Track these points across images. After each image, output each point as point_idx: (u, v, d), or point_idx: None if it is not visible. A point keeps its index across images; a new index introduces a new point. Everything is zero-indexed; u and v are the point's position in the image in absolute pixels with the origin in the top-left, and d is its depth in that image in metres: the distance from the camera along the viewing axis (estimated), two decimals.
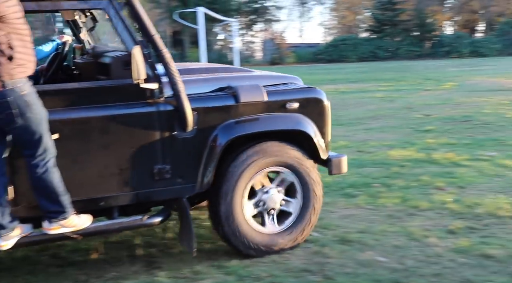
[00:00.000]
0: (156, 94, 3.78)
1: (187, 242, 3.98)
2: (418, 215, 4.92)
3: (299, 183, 4.21)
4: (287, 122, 4.14)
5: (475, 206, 5.07)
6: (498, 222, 4.67)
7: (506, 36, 36.73)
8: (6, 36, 3.23)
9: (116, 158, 3.71)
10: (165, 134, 3.82)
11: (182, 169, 3.90)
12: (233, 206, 4.03)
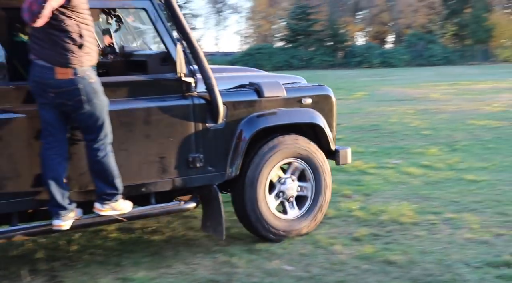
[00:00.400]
0: (191, 88, 4.12)
1: (215, 228, 4.32)
2: (325, 223, 5.00)
3: (312, 173, 4.65)
4: (303, 116, 4.61)
5: (380, 213, 5.21)
6: (401, 228, 4.82)
7: (413, 48, 38.19)
8: (78, 25, 3.46)
9: (156, 146, 4.02)
10: (199, 125, 4.17)
11: (213, 158, 4.26)
12: (257, 194, 4.41)
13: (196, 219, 5.17)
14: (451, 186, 6.17)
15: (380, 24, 45.49)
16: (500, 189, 5.93)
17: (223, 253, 4.36)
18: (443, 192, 5.93)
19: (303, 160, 4.60)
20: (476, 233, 4.63)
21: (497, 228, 4.74)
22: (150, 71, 4.08)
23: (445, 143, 8.62)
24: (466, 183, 6.23)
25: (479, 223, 4.87)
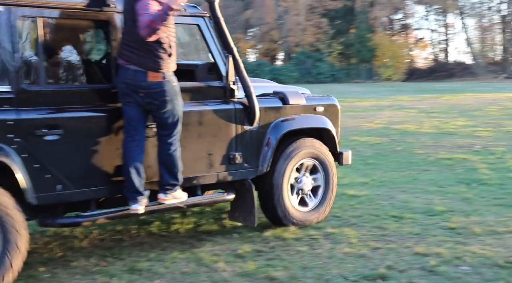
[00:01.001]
0: (233, 94, 4.78)
1: (244, 217, 5.07)
2: (209, 240, 4.98)
3: (323, 171, 5.43)
4: (318, 122, 5.42)
5: (264, 229, 5.25)
6: (284, 244, 4.89)
7: (302, 65, 39.28)
8: (168, 37, 4.15)
9: (205, 145, 4.71)
10: (238, 127, 4.89)
11: (248, 156, 4.98)
12: (283, 189, 5.16)
13: (77, 239, 4.99)
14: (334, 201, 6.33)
15: (270, 41, 46.43)
16: (378, 204, 6.16)
17: (103, 274, 4.22)
18: None
19: (317, 160, 5.39)
20: (354, 247, 4.77)
21: (374, 241, 4.91)
22: (199, 79, 4.73)
23: None
24: (347, 198, 6.42)
25: (357, 237, 5.03)
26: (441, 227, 5.31)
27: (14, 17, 3.88)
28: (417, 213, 5.78)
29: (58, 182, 4.03)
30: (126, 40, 4.17)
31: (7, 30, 3.84)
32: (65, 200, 4.13)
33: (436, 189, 6.78)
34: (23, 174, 3.85)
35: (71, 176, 4.08)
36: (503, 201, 6.16)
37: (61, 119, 4.03)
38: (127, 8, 4.15)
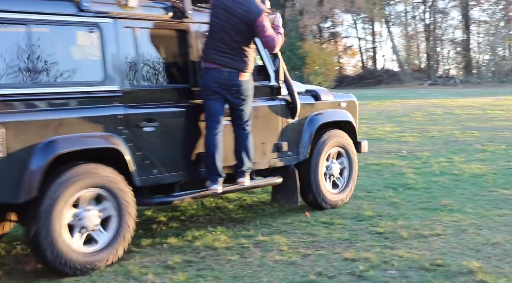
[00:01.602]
0: (280, 92, 5.71)
1: (287, 198, 5.94)
2: (138, 252, 4.89)
3: (347, 159, 6.37)
4: (343, 115, 6.35)
5: (194, 239, 5.20)
6: (214, 253, 4.84)
7: None
8: (253, 43, 5.17)
9: (260, 135, 5.50)
10: (284, 120, 5.76)
11: (291, 145, 5.83)
12: (318, 173, 6.03)
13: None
14: (264, 209, 6.35)
15: None
16: (310, 210, 6.20)
17: None
18: (257, 215, 6.09)
19: (343, 148, 6.29)
20: (285, 254, 4.78)
21: (304, 248, 4.94)
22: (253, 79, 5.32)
23: None
24: (278, 205, 6.44)
25: (288, 244, 5.04)
26: (369, 232, 5.40)
27: (119, 28, 4.67)
28: (346, 219, 5.86)
29: (154, 167, 4.81)
30: (221, 47, 4.99)
31: (114, 38, 4.63)
32: (158, 182, 4.90)
33: (365, 194, 6.89)
34: (131, 160, 4.60)
35: (163, 162, 4.86)
36: (428, 205, 6.32)
37: (156, 113, 4.81)
38: (238, 25, 4.97)
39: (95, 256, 4.40)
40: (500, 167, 8.27)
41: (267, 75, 5.69)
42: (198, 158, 5.08)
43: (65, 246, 4.22)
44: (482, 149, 9.84)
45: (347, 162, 6.38)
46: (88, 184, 4.35)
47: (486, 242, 5.01)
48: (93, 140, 4.42)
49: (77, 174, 4.28)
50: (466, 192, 6.89)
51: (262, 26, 4.99)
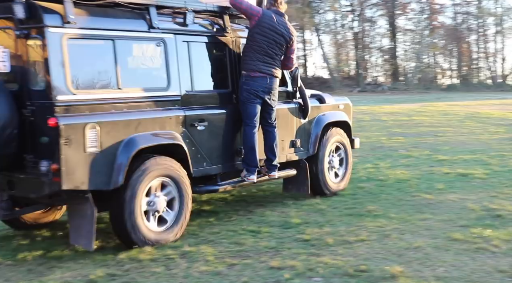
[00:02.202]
0: (295, 96, 6.73)
1: (298, 187, 6.95)
2: (60, 267, 4.75)
3: (344, 152, 7.40)
4: (342, 116, 7.36)
5: (119, 252, 5.08)
6: (139, 266, 4.75)
7: None
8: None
9: (280, 133, 6.34)
10: (298, 120, 6.76)
11: (303, 142, 6.83)
12: (324, 165, 7.06)
13: None
14: (191, 218, 6.26)
15: None
16: (237, 219, 6.19)
17: None
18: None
19: (341, 144, 7.33)
20: (211, 264, 4.74)
21: (231, 258, 4.91)
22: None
23: None
24: (206, 214, 6.41)
25: (214, 254, 5.01)
26: (296, 240, 5.43)
27: (178, 42, 5.59)
28: (274, 227, 5.88)
29: (204, 160, 5.72)
30: (266, 59, 6.02)
31: (174, 51, 5.53)
32: (206, 173, 5.81)
33: (293, 202, 6.92)
34: (189, 154, 5.48)
35: (210, 155, 5.79)
36: (354, 211, 6.42)
37: (205, 114, 5.74)
38: (281, 42, 6.06)
39: (166, 232, 5.32)
40: (424, 172, 8.49)
41: (284, 81, 6.57)
42: (235, 153, 6.06)
43: (144, 227, 5.10)
44: (407, 155, 10.09)
45: (344, 156, 7.42)
46: (160, 174, 5.23)
47: (408, 247, 5.12)
48: (163, 137, 5.33)
49: (153, 166, 5.15)
50: (391, 197, 7.03)
51: (293, 47, 6.18)
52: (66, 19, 4.73)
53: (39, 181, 4.68)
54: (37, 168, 4.66)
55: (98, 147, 4.78)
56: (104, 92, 4.97)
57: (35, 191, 4.82)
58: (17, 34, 4.75)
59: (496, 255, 4.85)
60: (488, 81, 39.25)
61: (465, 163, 9.09)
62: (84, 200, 4.88)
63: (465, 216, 6.06)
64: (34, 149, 4.75)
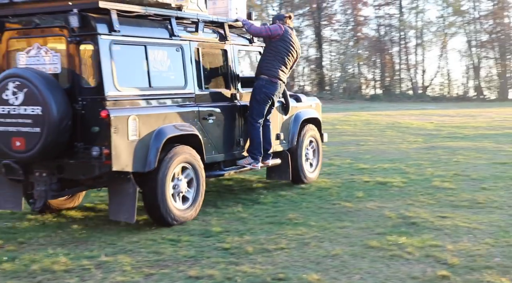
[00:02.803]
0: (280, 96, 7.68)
1: (281, 175, 8.01)
2: None
3: (316, 144, 8.65)
4: (314, 113, 8.58)
5: (32, 262, 4.92)
6: (52, 277, 4.62)
7: None
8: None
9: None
10: (280, 116, 7.86)
11: (285, 135, 7.95)
12: (302, 158, 8.25)
13: None
14: (110, 227, 6.16)
15: None
16: (157, 228, 6.11)
17: None
18: (102, 234, 5.89)
19: (314, 138, 8.56)
20: (127, 275, 4.66)
21: (148, 268, 4.84)
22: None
23: None
24: (125, 223, 6.26)
25: (132, 264, 4.92)
26: (216, 248, 5.40)
27: (191, 48, 6.66)
28: (194, 235, 5.84)
29: (213, 149, 6.79)
30: (283, 68, 7.29)
31: (189, 55, 6.57)
32: (214, 160, 6.88)
33: (215, 209, 6.91)
34: (203, 143, 6.50)
35: (218, 145, 6.88)
36: (275, 219, 6.45)
37: (213, 109, 6.85)
38: (294, 54, 7.37)
39: (189, 209, 6.37)
40: (344, 180, 8.65)
41: None
42: (234, 143, 7.18)
43: (172, 206, 6.10)
44: (329, 163, 10.24)
45: (316, 148, 8.65)
46: (183, 160, 6.23)
47: (326, 254, 5.19)
48: (184, 128, 6.31)
49: (177, 153, 6.16)
50: (311, 205, 7.12)
51: (297, 59, 7.53)
52: (113, 27, 5.69)
53: (90, 164, 5.60)
54: (88, 153, 5.57)
55: (137, 136, 5.78)
56: (140, 89, 6.03)
57: (85, 174, 5.72)
58: (69, 40, 5.66)
59: (410, 262, 4.98)
60: (409, 91, 40.43)
61: (384, 172, 9.32)
62: (127, 180, 5.78)
63: (382, 224, 6.20)
64: (84, 137, 5.64)
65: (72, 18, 5.52)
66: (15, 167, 5.87)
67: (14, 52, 6.07)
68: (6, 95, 5.64)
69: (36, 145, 5.53)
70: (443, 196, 7.46)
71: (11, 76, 5.66)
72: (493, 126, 16.81)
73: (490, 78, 41.64)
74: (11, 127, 5.64)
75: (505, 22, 40.96)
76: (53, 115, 5.47)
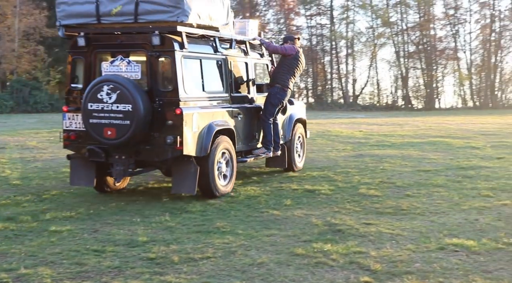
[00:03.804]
0: None
1: (278, 164, 9.94)
2: None
3: (303, 139, 10.58)
4: (303, 114, 10.62)
5: None
6: None
7: (18, 94, 37.08)
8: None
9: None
10: (280, 116, 9.73)
11: (285, 131, 9.87)
12: (295, 149, 10.24)
13: None
14: (32, 239, 5.98)
15: None
16: (81, 238, 5.99)
17: None
18: (23, 246, 5.71)
19: (301, 134, 10.42)
20: None
21: (70, 280, 4.73)
22: (264, 90, 9.38)
23: (35, 192, 8.41)
24: (48, 234, 6.12)
25: (52, 276, 4.79)
26: (141, 259, 5.33)
27: (227, 61, 8.59)
28: (119, 245, 5.74)
29: (239, 141, 8.63)
30: (292, 80, 9.28)
31: (225, 67, 8.46)
32: (240, 150, 8.71)
33: (142, 219, 6.81)
34: (235, 135, 8.38)
35: (243, 137, 8.79)
36: (203, 228, 6.42)
37: (240, 109, 8.71)
38: (302, 67, 9.41)
39: (227, 185, 8.26)
40: (273, 188, 8.70)
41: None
42: (253, 137, 9.13)
43: (218, 182, 8.00)
44: (259, 172, 10.29)
45: (303, 142, 10.57)
46: (223, 147, 8.08)
47: (252, 263, 5.20)
48: (225, 123, 8.21)
49: (221, 142, 8.02)
50: (240, 213, 7.13)
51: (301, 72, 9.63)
52: (183, 45, 7.56)
53: (164, 149, 7.48)
54: (163, 141, 7.45)
55: (197, 128, 7.71)
56: (198, 93, 7.98)
57: (159, 157, 7.61)
58: (150, 54, 7.52)
59: (334, 269, 5.05)
60: (341, 100, 41.24)
61: (313, 180, 9.44)
62: (190, 162, 7.65)
63: (309, 231, 6.26)
64: (159, 129, 7.50)
65: (154, 38, 7.38)
66: (98, 151, 7.65)
67: (99, 62, 7.81)
68: (101, 95, 7.36)
69: (125, 134, 7.34)
70: (369, 203, 7.62)
71: (106, 81, 7.38)
72: (418, 134, 17.31)
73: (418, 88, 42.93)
74: (104, 120, 7.39)
75: (431, 34, 42.35)
76: (140, 111, 7.29)
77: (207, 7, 7.99)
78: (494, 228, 6.38)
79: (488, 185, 8.79)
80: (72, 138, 7.88)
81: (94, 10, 7.59)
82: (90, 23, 7.72)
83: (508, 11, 42.80)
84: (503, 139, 15.43)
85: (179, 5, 7.38)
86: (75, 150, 8.01)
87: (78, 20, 7.75)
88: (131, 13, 7.49)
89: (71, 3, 7.73)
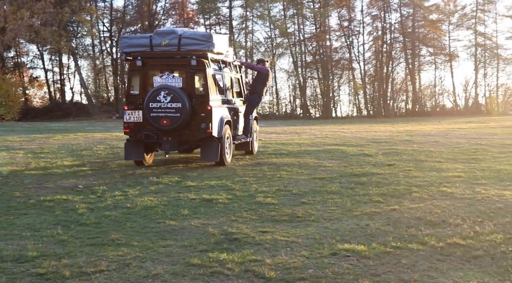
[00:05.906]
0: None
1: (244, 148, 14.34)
2: None
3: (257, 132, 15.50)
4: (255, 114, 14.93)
5: None
6: None
7: None
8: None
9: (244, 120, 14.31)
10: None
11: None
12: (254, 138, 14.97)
13: None
14: None
15: None
16: None
17: None
18: None
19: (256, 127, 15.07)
20: None
21: None
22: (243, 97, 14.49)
23: None
24: None
25: None
26: (30, 274, 5.14)
27: (229, 76, 13.61)
28: (7, 261, 5.51)
29: (234, 129, 13.18)
30: (264, 89, 13.96)
31: (228, 80, 13.52)
32: (235, 134, 13.29)
33: (32, 233, 6.56)
34: (232, 125, 12.96)
35: (235, 127, 13.30)
36: (97, 240, 6.27)
37: (236, 109, 13.50)
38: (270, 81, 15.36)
39: (228, 158, 12.45)
40: (171, 199, 8.63)
41: (242, 94, 14.44)
42: (236, 127, 13.30)
43: (226, 155, 12.31)
44: (157, 181, 10.18)
45: (257, 133, 14.91)
46: (228, 133, 12.39)
47: (147, 275, 5.13)
48: (228, 117, 12.58)
49: (227, 129, 12.36)
50: (136, 225, 7.01)
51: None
52: (210, 65, 12.06)
53: (199, 132, 11.80)
54: (199, 126, 11.78)
55: (218, 119, 12.02)
56: (217, 96, 12.42)
57: (195, 137, 11.91)
58: (189, 71, 11.93)
59: (229, 278, 5.07)
60: None
61: (211, 189, 9.45)
62: (214, 140, 11.92)
63: (205, 241, 6.26)
64: (195, 119, 11.75)
65: (193, 60, 11.81)
66: (152, 135, 11.86)
67: (151, 76, 12.10)
68: (159, 98, 11.54)
69: (176, 123, 11.59)
70: (265, 212, 7.71)
71: (163, 88, 11.62)
72: (315, 142, 17.75)
73: (315, 97, 44.05)
74: (161, 113, 11.58)
75: (327, 44, 43.64)
76: (186, 107, 11.56)
77: (221, 41, 12.49)
78: (384, 232, 6.63)
79: (379, 191, 9.14)
80: (131, 127, 11.91)
81: (148, 42, 11.89)
82: (145, 51, 12.01)
83: (398, 24, 44.88)
84: (394, 147, 16.11)
85: (210, 40, 11.88)
86: (132, 135, 12.00)
87: (136, 48, 12.08)
88: (176, 44, 11.76)
89: (131, 38, 12.48)
